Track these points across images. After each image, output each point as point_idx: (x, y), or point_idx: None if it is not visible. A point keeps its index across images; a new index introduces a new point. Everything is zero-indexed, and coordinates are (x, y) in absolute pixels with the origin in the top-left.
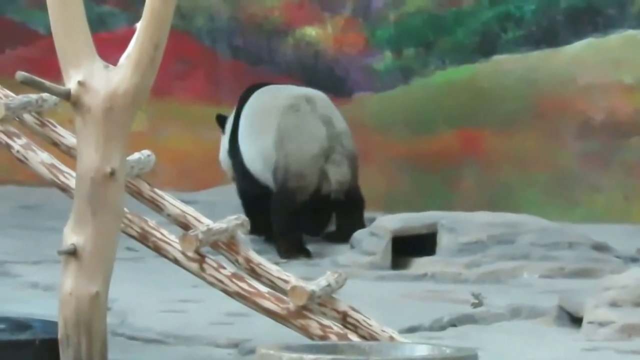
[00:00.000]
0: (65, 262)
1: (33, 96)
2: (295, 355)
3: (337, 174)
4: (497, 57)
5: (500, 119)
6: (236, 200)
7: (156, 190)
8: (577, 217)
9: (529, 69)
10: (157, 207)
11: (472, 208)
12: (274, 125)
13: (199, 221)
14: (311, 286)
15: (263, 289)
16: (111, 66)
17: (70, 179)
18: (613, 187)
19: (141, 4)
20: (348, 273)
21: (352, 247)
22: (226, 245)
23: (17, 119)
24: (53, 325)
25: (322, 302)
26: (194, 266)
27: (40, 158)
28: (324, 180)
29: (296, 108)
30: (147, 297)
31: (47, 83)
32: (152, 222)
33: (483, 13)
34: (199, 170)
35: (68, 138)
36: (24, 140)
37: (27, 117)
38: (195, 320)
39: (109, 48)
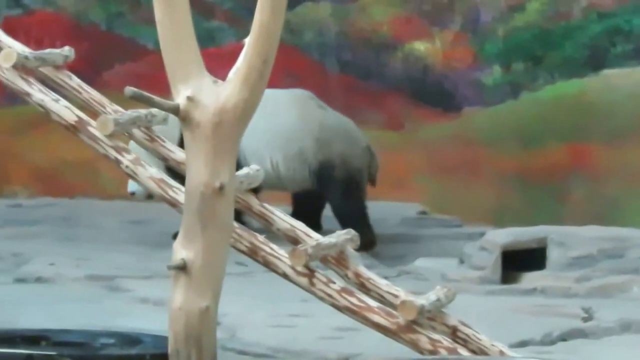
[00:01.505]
0: (175, 277)
1: (142, 111)
2: None
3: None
4: (606, 72)
5: (608, 133)
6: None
7: (265, 205)
8: None
9: (638, 84)
10: (266, 221)
11: (580, 222)
12: (307, 127)
13: (308, 236)
14: (421, 301)
15: (373, 303)
16: (220, 81)
17: (178, 194)
18: None
19: (250, 19)
20: (457, 287)
21: (462, 261)
22: (335, 259)
23: (126, 134)
24: (163, 340)
25: (431, 316)
26: (304, 281)
27: (149, 173)
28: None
29: (319, 105)
30: (256, 311)
31: (156, 98)
32: (261, 237)
33: (591, 27)
34: None
35: (177, 153)
36: (133, 155)
37: (136, 132)
38: (304, 334)
39: (217, 63)
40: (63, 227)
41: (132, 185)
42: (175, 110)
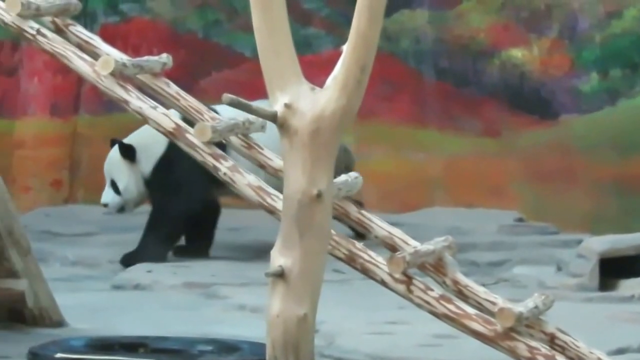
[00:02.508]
0: (273, 284)
1: (239, 118)
2: None
3: None
4: None
5: None
6: (443, 222)
7: (363, 212)
8: None
9: None
10: (364, 229)
11: None
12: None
13: (406, 243)
14: (519, 308)
15: (471, 310)
16: (317, 88)
17: (277, 201)
18: None
19: (347, 26)
20: (555, 295)
21: (559, 269)
22: (433, 267)
23: (223, 141)
24: (261, 347)
25: (529, 323)
26: (401, 288)
27: (247, 180)
28: None
29: None
30: (354, 319)
31: (254, 105)
32: (359, 244)
33: None
34: (405, 192)
35: (275, 160)
36: (230, 163)
37: (234, 139)
38: (402, 342)
39: (315, 70)
40: None
41: (106, 196)
42: (273, 118)
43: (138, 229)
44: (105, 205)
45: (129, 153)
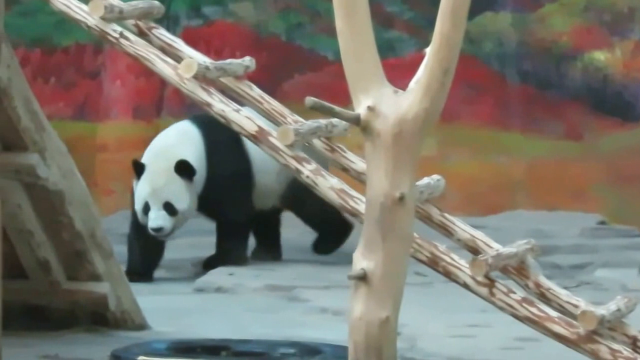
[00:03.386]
0: (355, 286)
1: (322, 121)
2: None
3: None
4: None
5: None
6: (526, 225)
7: (446, 215)
8: None
9: None
10: (446, 231)
11: None
12: None
13: (488, 246)
14: (601, 311)
15: (553, 313)
16: (400, 91)
17: (359, 204)
18: None
19: (429, 30)
20: (637, 298)
21: None
22: (516, 269)
23: (306, 144)
24: (343, 350)
25: (611, 326)
26: (484, 291)
27: (329, 183)
28: None
29: None
30: (436, 321)
31: (337, 108)
32: (442, 247)
33: None
34: (487, 195)
35: (358, 163)
36: (313, 165)
37: (317, 142)
38: (484, 345)
39: (398, 73)
40: None
41: (158, 220)
42: (356, 120)
43: None
44: (159, 230)
45: (188, 171)
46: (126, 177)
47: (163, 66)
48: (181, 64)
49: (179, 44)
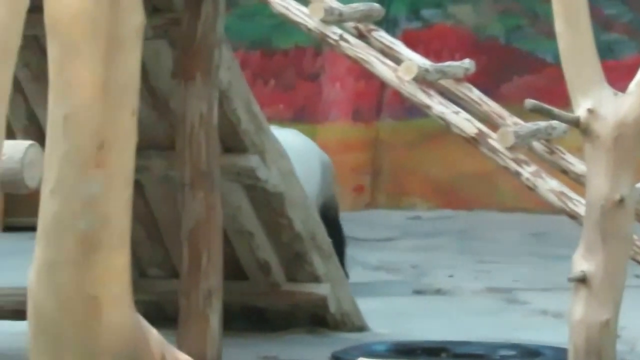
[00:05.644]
0: (575, 289)
1: (542, 124)
2: None
3: None
4: None
5: None
6: None
7: None
8: None
9: None
10: None
11: None
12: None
13: None
14: None
15: None
16: (620, 94)
17: (578, 206)
18: None
19: None
20: None
21: None
22: None
23: (525, 146)
24: (563, 352)
25: None
26: None
27: (549, 185)
28: None
29: None
30: None
31: (556, 110)
32: None
33: None
34: None
35: (577, 165)
36: (533, 168)
37: (536, 145)
38: None
39: (616, 76)
40: (461, 239)
41: None
42: (576, 123)
43: (440, 234)
44: None
45: None
46: (346, 179)
47: (383, 68)
48: (401, 66)
49: (399, 47)
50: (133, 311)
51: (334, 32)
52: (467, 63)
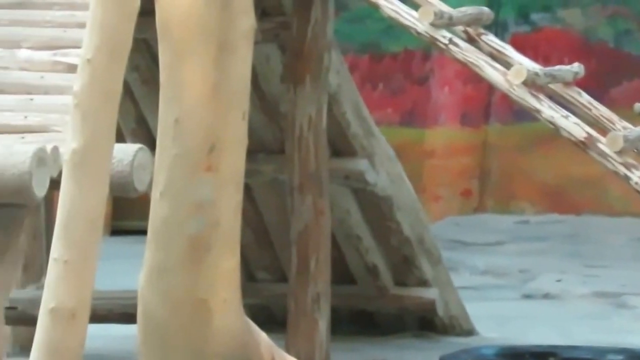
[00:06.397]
0: None
1: None
2: None
3: None
4: None
5: None
6: None
7: None
8: None
9: None
10: None
11: None
12: None
13: None
14: None
15: None
16: None
17: None
18: None
19: None
20: None
21: None
22: None
23: (635, 151)
24: None
25: None
26: None
27: None
28: None
29: None
30: None
31: None
32: None
33: None
34: None
35: None
36: None
37: None
38: None
39: None
40: (569, 243)
41: None
42: None
43: (548, 239)
44: None
45: None
46: (454, 183)
47: (492, 72)
48: (511, 70)
49: (508, 50)
50: (243, 315)
51: (443, 36)
52: (577, 67)
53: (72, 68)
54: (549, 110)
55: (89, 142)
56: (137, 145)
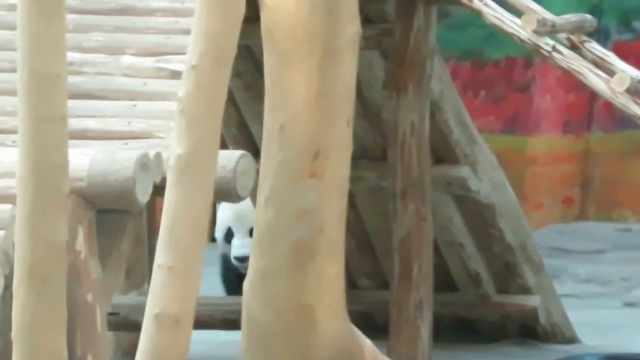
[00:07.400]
0: None
1: None
2: None
3: None
4: None
5: None
6: None
7: None
8: None
9: None
10: None
11: None
12: None
13: None
14: None
15: None
16: None
17: None
18: None
19: None
20: None
21: None
22: None
23: None
24: None
25: None
26: None
27: None
28: None
29: None
30: None
31: None
32: None
33: None
34: None
35: None
36: None
37: None
38: None
39: None
40: None
41: (241, 248)
42: None
43: None
44: (244, 260)
45: None
46: (555, 191)
47: (595, 80)
48: (614, 77)
49: (612, 58)
50: (347, 320)
51: (546, 43)
52: None
53: (175, 74)
54: None
55: (194, 148)
56: (240, 152)
